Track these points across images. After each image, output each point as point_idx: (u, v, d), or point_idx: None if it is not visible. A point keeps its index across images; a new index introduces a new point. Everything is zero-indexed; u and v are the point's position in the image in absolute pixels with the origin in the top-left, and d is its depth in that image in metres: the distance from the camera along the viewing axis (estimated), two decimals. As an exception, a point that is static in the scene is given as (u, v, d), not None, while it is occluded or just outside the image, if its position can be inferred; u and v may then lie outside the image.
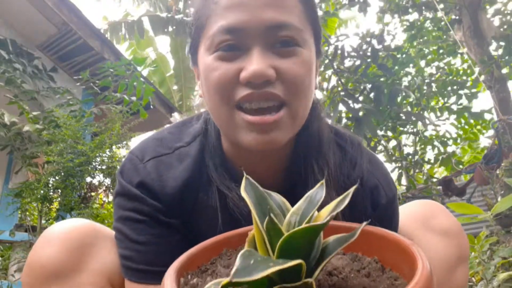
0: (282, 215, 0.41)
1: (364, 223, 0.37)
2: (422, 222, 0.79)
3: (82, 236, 0.69)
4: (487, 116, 5.40)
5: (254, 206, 0.39)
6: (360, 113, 4.10)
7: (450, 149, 5.76)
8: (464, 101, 5.69)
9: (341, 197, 0.39)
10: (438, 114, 5.80)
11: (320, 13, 4.59)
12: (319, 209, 0.40)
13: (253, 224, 0.38)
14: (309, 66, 0.63)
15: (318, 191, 0.42)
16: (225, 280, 0.29)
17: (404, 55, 5.62)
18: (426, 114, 5.30)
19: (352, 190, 0.39)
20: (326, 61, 4.73)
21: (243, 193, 0.40)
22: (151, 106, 4.50)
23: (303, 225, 0.34)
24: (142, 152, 0.73)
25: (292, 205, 0.42)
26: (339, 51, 4.61)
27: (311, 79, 0.64)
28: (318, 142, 0.72)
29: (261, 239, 0.37)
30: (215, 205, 0.70)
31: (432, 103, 5.91)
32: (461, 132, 5.87)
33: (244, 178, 0.42)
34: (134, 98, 3.72)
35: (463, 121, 5.81)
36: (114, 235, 0.73)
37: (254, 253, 0.33)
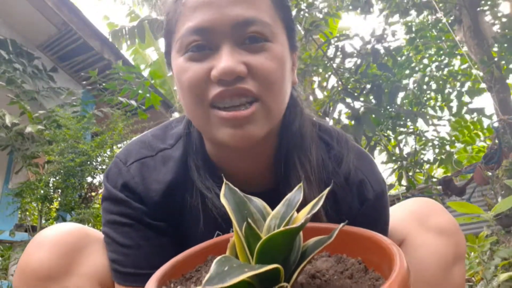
0: (263, 219, 0.41)
1: (341, 224, 0.36)
2: (418, 220, 0.78)
3: (73, 240, 0.69)
4: (486, 121, 5.41)
5: (234, 212, 0.39)
6: (360, 112, 4.10)
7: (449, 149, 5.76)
8: (466, 99, 5.70)
9: (316, 199, 0.39)
10: (438, 112, 5.81)
11: (320, 16, 4.59)
12: (299, 210, 0.40)
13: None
14: (281, 61, 0.62)
15: (296, 194, 0.42)
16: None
17: (404, 57, 5.62)
18: (426, 113, 5.29)
19: (326, 191, 0.39)
20: (326, 61, 4.73)
21: (223, 200, 0.40)
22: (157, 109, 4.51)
23: (280, 229, 0.34)
24: (125, 155, 0.73)
25: (278, 203, 0.42)
26: (339, 51, 4.62)
27: (284, 73, 0.64)
28: (300, 138, 0.72)
29: (240, 245, 0.37)
30: (198, 206, 0.70)
31: (432, 102, 5.92)
32: (459, 135, 5.87)
33: (224, 184, 0.42)
34: (133, 102, 3.73)
35: (463, 123, 5.81)
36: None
37: (230, 259, 0.32)
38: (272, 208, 0.43)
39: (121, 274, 0.68)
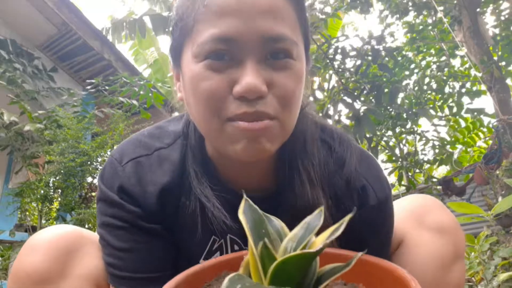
0: (280, 240, 0.40)
1: (361, 253, 0.36)
2: (417, 218, 0.76)
3: (67, 243, 0.69)
4: (486, 120, 5.40)
5: (251, 230, 0.38)
6: (361, 112, 4.10)
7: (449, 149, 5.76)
8: (466, 100, 5.70)
9: (336, 224, 0.38)
10: (438, 112, 5.80)
11: (322, 16, 4.59)
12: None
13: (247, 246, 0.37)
14: (300, 79, 0.61)
15: (316, 218, 0.41)
16: None
17: (403, 58, 5.62)
18: (427, 111, 5.29)
19: (347, 218, 0.38)
20: (327, 61, 4.73)
21: (241, 216, 0.39)
22: (158, 108, 4.51)
23: (296, 252, 0.34)
24: (121, 154, 0.71)
25: (280, 210, 0.41)
26: (339, 51, 4.61)
27: (301, 90, 0.63)
28: (303, 142, 0.70)
29: (254, 264, 0.36)
30: (196, 211, 0.68)
31: (432, 102, 5.91)
32: (459, 136, 5.86)
33: (243, 200, 0.41)
34: (135, 102, 3.73)
35: (462, 123, 5.80)
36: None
37: (243, 278, 0.32)
38: (275, 214, 0.43)
39: (117, 278, 0.67)
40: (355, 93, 4.49)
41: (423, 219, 0.76)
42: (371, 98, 4.59)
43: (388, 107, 4.76)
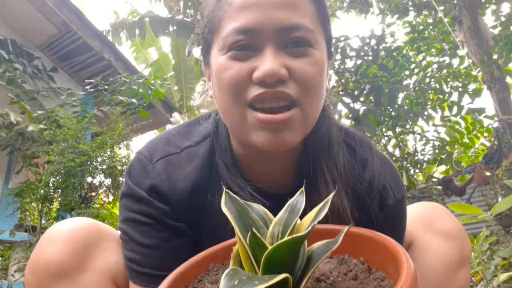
0: (265, 226, 0.41)
1: (346, 227, 0.37)
2: (425, 224, 0.79)
3: (86, 235, 0.69)
4: (486, 122, 5.39)
5: (236, 220, 0.38)
6: (360, 113, 4.10)
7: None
8: (467, 99, 5.70)
9: (321, 204, 0.39)
10: (439, 112, 5.80)
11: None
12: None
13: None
14: (321, 67, 0.63)
15: (298, 199, 0.42)
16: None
17: (404, 58, 5.62)
18: (426, 112, 5.28)
19: (330, 196, 0.39)
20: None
21: (224, 209, 0.40)
22: (156, 105, 4.51)
23: (286, 238, 0.34)
24: (150, 152, 0.72)
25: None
26: (339, 50, 4.61)
27: (323, 79, 0.65)
28: (328, 143, 0.72)
29: (245, 255, 0.37)
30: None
31: (431, 100, 5.90)
32: (458, 136, 5.85)
33: (224, 193, 0.42)
34: (134, 100, 3.73)
35: (462, 123, 5.79)
36: (119, 235, 0.72)
37: (238, 271, 0.33)
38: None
39: (137, 273, 0.67)
40: (355, 93, 4.49)
41: (431, 225, 0.79)
42: (371, 98, 4.59)
43: (388, 107, 4.76)
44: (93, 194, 3.22)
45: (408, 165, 5.22)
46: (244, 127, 0.63)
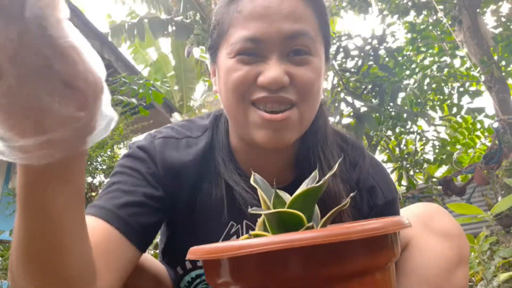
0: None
1: (350, 196, 0.50)
2: (423, 224, 0.80)
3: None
4: (486, 122, 5.40)
5: (264, 191, 0.49)
6: (362, 111, 4.10)
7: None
8: (466, 99, 5.69)
9: (335, 166, 0.51)
10: (439, 112, 5.80)
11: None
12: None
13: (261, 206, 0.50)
14: (318, 73, 0.70)
15: (313, 178, 0.52)
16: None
17: (404, 57, 5.62)
18: (427, 113, 5.29)
19: (335, 166, 0.51)
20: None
21: (254, 183, 0.50)
22: (159, 106, 4.51)
23: (302, 189, 0.45)
24: (157, 132, 0.80)
25: None
26: (341, 50, 4.61)
27: (320, 84, 0.71)
28: (324, 135, 0.78)
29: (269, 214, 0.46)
30: (220, 197, 0.75)
31: (432, 102, 5.90)
32: (459, 137, 5.85)
33: (253, 174, 0.53)
34: (134, 100, 3.73)
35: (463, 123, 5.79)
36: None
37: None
38: None
39: (96, 207, 0.65)
40: (356, 92, 4.49)
41: (429, 224, 0.79)
42: (371, 98, 4.59)
43: (389, 107, 4.76)
44: (93, 194, 3.22)
45: (408, 165, 5.23)
46: (246, 124, 0.70)
